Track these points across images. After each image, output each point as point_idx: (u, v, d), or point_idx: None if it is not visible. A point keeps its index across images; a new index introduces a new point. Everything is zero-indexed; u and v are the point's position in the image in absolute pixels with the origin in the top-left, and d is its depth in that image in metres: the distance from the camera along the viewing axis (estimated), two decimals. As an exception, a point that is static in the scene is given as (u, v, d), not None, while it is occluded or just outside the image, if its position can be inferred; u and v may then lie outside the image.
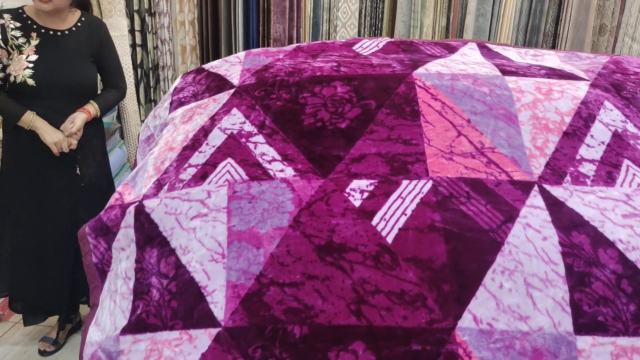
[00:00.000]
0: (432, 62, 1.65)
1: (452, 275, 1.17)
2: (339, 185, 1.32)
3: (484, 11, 3.45)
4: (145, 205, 1.37)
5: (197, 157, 1.45)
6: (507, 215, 1.25)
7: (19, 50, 2.11)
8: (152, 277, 1.30)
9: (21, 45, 2.11)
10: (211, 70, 1.77)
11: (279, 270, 1.20)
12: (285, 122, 1.47)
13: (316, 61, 1.68)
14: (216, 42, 3.50)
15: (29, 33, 2.13)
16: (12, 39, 2.10)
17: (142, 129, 1.82)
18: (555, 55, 1.93)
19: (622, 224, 1.25)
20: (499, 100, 1.49)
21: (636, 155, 1.42)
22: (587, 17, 3.44)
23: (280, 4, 3.36)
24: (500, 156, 1.38)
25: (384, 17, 3.55)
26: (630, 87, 1.61)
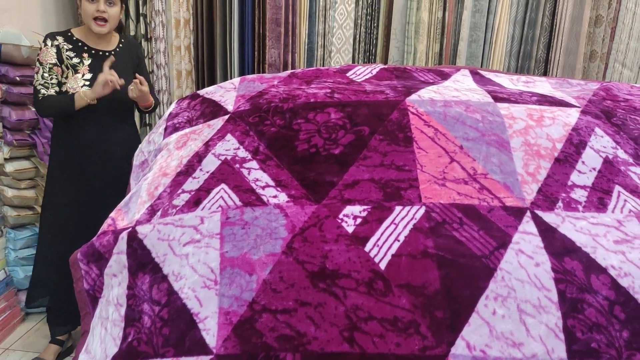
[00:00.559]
0: (425, 89, 1.66)
1: (445, 302, 1.17)
2: (332, 211, 1.32)
3: (476, 37, 3.50)
4: (138, 231, 1.37)
5: (190, 183, 1.45)
6: (500, 241, 1.26)
7: (74, 70, 2.31)
8: (143, 303, 1.29)
9: (76, 65, 2.31)
10: (206, 96, 1.78)
11: (272, 297, 1.20)
12: (279, 148, 1.48)
13: (310, 87, 1.69)
14: (212, 67, 3.53)
15: (81, 54, 2.34)
16: (67, 59, 2.30)
17: (137, 154, 1.83)
18: (547, 81, 1.95)
19: (614, 250, 1.26)
20: (491, 127, 1.51)
21: (627, 181, 1.43)
22: (578, 43, 3.49)
23: (276, 30, 3.39)
24: (493, 182, 1.39)
25: (378, 43, 3.59)
26: (620, 114, 1.63)
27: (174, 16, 3.41)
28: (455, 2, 3.46)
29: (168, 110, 1.82)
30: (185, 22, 3.46)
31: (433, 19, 3.47)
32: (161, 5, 3.35)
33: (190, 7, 3.45)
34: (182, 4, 3.40)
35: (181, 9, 3.41)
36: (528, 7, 3.48)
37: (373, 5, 3.52)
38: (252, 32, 3.43)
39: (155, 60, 3.45)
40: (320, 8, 3.46)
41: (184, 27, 3.45)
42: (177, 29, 3.44)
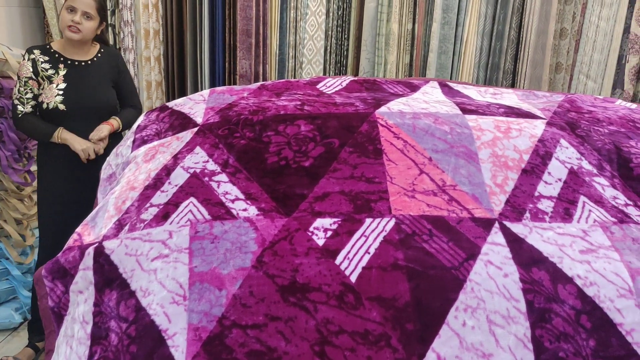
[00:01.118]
0: (395, 101, 1.68)
1: (416, 314, 1.17)
2: (302, 224, 1.32)
3: (445, 49, 3.55)
4: (105, 247, 1.34)
5: (159, 197, 1.43)
6: (469, 252, 1.27)
7: (49, 80, 2.37)
8: (110, 320, 1.26)
9: (51, 76, 2.38)
10: (175, 108, 1.76)
11: (242, 312, 1.18)
12: (248, 161, 1.47)
13: (280, 100, 1.69)
14: (182, 77, 3.51)
15: (57, 65, 2.40)
16: (42, 71, 2.37)
17: (104, 167, 1.80)
18: (514, 93, 1.99)
19: (580, 260, 1.28)
20: (459, 139, 1.52)
21: (591, 191, 1.46)
22: (544, 55, 3.56)
23: (247, 41, 3.39)
24: (462, 194, 1.40)
25: (348, 54, 3.61)
26: (584, 125, 1.66)
27: (143, 27, 3.38)
28: (424, 14, 3.51)
29: (136, 123, 1.80)
30: (155, 33, 3.43)
31: (403, 30, 3.51)
32: (130, 16, 3.32)
33: (160, 17, 3.43)
34: (151, 15, 3.37)
35: (150, 20, 3.38)
36: (495, 20, 3.55)
37: (344, 17, 3.55)
38: (223, 43, 3.42)
39: (124, 71, 3.40)
40: (291, 19, 3.47)
41: (153, 37, 3.42)
42: (147, 40, 3.40)
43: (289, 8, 3.45)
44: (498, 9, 3.53)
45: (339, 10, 3.53)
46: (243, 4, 3.33)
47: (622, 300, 1.22)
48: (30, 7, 3.35)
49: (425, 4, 3.50)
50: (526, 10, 3.50)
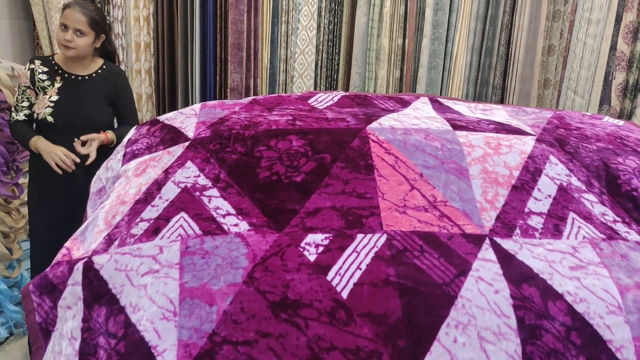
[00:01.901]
0: (386, 117, 1.68)
1: (407, 330, 1.17)
2: (294, 240, 1.32)
3: (435, 64, 3.58)
4: (94, 262, 1.33)
5: (149, 211, 1.42)
6: (460, 268, 1.27)
7: (44, 91, 2.40)
8: (99, 337, 1.25)
9: (46, 87, 2.40)
10: (166, 122, 1.76)
11: (232, 328, 1.17)
12: (240, 176, 1.47)
13: (272, 114, 1.69)
14: (172, 90, 3.51)
15: (54, 77, 2.43)
16: (39, 82, 2.40)
17: (94, 181, 1.79)
18: (503, 109, 2.00)
19: (570, 276, 1.29)
20: (450, 155, 1.53)
21: (580, 208, 1.47)
22: (532, 71, 3.60)
23: (238, 54, 3.40)
24: (452, 209, 1.41)
25: (339, 69, 3.63)
26: (573, 142, 1.68)
27: (134, 39, 3.38)
28: (414, 30, 3.54)
29: (127, 137, 1.79)
30: (146, 46, 3.43)
31: (393, 45, 3.54)
32: (121, 28, 3.32)
33: (151, 30, 3.43)
34: (142, 28, 3.38)
35: (142, 33, 3.38)
36: (485, 36, 3.59)
37: (334, 32, 3.57)
38: (214, 56, 3.43)
39: (114, 84, 3.40)
40: (282, 34, 3.49)
41: (144, 50, 3.42)
42: (138, 53, 3.41)
43: (280, 22, 3.47)
44: (487, 25, 3.57)
45: (330, 25, 3.55)
46: (234, 18, 3.34)
47: (612, 316, 1.23)
48: (21, 19, 3.35)
49: (415, 19, 3.53)
50: (515, 27, 3.54)
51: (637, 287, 1.28)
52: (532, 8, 3.49)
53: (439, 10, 3.50)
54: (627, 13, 3.38)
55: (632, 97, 3.51)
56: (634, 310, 1.24)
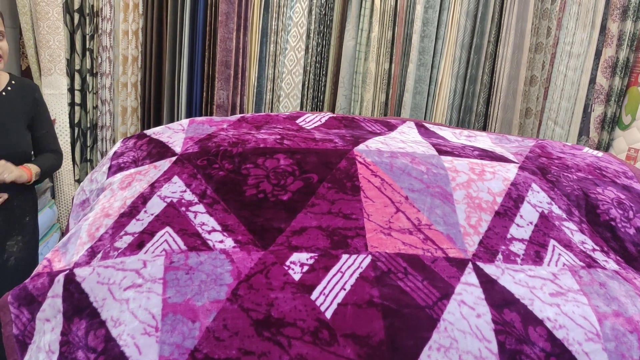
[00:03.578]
0: (373, 139, 1.70)
1: (389, 352, 1.17)
2: (279, 258, 1.32)
3: (421, 90, 3.64)
4: (76, 274, 1.32)
5: (134, 225, 1.41)
6: (443, 292, 1.28)
7: None
8: (78, 351, 1.22)
9: None
10: (153, 136, 1.76)
11: (215, 345, 1.17)
12: (226, 192, 1.47)
13: (260, 133, 1.70)
14: (158, 105, 3.50)
15: None
16: None
17: (77, 193, 1.77)
18: (487, 137, 2.04)
19: (550, 303, 1.30)
20: (435, 179, 1.55)
21: (561, 235, 1.50)
22: (515, 100, 3.68)
23: (225, 72, 3.42)
24: (437, 233, 1.42)
25: (326, 90, 3.67)
26: (554, 171, 1.71)
27: (122, 53, 3.38)
28: (401, 55, 3.60)
29: (113, 149, 1.78)
30: (134, 59, 3.43)
31: (380, 69, 3.59)
32: (109, 41, 3.32)
33: (140, 45, 3.44)
34: (131, 42, 3.38)
35: (130, 47, 3.39)
36: (469, 64, 3.66)
37: (322, 54, 3.61)
38: (202, 72, 3.45)
39: (100, 96, 3.39)
40: (270, 53, 3.52)
41: (131, 64, 3.42)
42: (125, 66, 3.41)
43: (269, 42, 3.50)
44: (472, 53, 3.64)
45: (318, 47, 3.59)
46: (223, 36, 3.37)
47: (590, 343, 1.25)
48: (7, 27, 3.33)
49: (402, 45, 3.59)
50: (499, 57, 3.62)
51: (614, 315, 1.31)
52: (516, 39, 3.58)
53: (425, 37, 3.57)
54: (607, 48, 3.48)
55: (610, 130, 3.60)
56: (612, 338, 1.26)
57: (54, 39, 3.07)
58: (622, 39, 3.46)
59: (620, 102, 3.57)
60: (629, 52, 3.48)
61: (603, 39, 3.50)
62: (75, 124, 3.32)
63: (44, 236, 2.94)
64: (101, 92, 3.40)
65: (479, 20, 3.60)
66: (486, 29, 3.58)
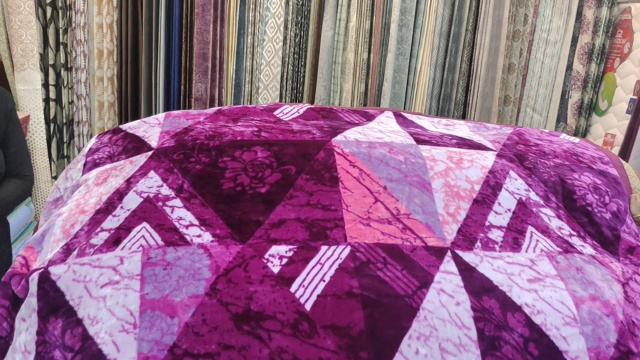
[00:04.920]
0: (351, 130, 1.70)
1: (370, 342, 1.18)
2: (257, 251, 1.31)
3: (399, 79, 3.64)
4: (51, 272, 1.29)
5: (110, 221, 1.39)
6: (422, 280, 1.29)
7: None
8: (55, 350, 1.21)
9: None
10: (129, 131, 1.73)
11: (194, 341, 1.16)
12: (203, 186, 1.46)
13: (237, 125, 1.69)
14: (136, 99, 3.46)
15: None
16: None
17: (52, 191, 1.74)
18: (465, 125, 2.05)
19: (528, 289, 1.32)
20: (413, 168, 1.55)
21: (538, 222, 1.51)
22: (493, 88, 3.70)
23: (203, 64, 3.38)
24: (415, 222, 1.43)
25: (305, 81, 3.65)
26: (531, 158, 1.72)
27: (97, 47, 3.33)
28: (379, 45, 3.59)
29: (88, 145, 1.76)
30: (109, 53, 3.39)
31: (358, 60, 3.58)
32: (83, 35, 3.27)
33: (115, 38, 3.39)
34: (105, 35, 3.33)
35: (105, 40, 3.34)
36: (448, 53, 3.67)
37: (300, 45, 3.59)
38: (179, 65, 3.41)
39: (75, 91, 3.34)
40: (248, 45, 3.49)
41: (107, 58, 3.38)
42: (100, 60, 3.36)
43: (247, 34, 3.47)
44: (450, 42, 3.65)
45: (296, 38, 3.57)
46: (200, 28, 3.33)
47: (568, 328, 1.26)
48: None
49: (380, 35, 3.58)
50: (477, 45, 3.63)
51: (591, 299, 1.32)
52: (493, 27, 3.59)
53: (403, 27, 3.56)
54: (583, 35, 3.51)
55: (587, 116, 3.64)
56: (589, 322, 1.28)
57: (27, 33, 3.01)
58: (598, 26, 3.49)
59: (597, 89, 3.61)
60: (604, 38, 3.51)
61: (579, 25, 3.53)
62: (50, 120, 3.27)
63: (20, 235, 2.90)
64: (77, 87, 3.34)
65: (457, 8, 3.61)
66: (464, 17, 3.59)
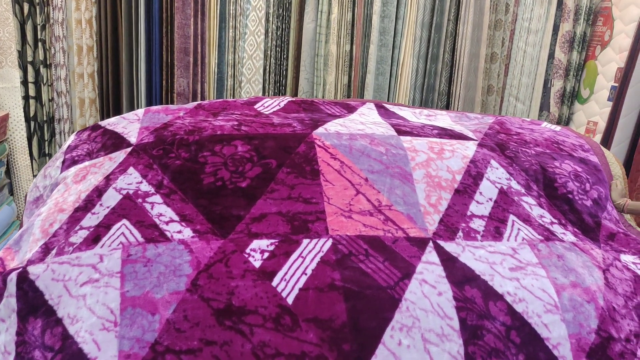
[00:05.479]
0: (332, 122, 1.69)
1: (352, 334, 1.17)
2: (238, 246, 1.30)
3: (383, 70, 3.63)
4: (29, 272, 1.28)
5: (89, 219, 1.38)
6: (404, 271, 1.29)
7: None
8: (35, 350, 1.19)
9: None
10: (108, 127, 1.71)
11: (176, 337, 1.15)
12: (183, 182, 1.44)
13: (217, 120, 1.68)
14: (117, 95, 3.42)
15: None
16: None
17: (31, 189, 1.71)
18: (447, 115, 2.05)
19: (510, 277, 1.32)
20: (394, 160, 1.55)
21: (520, 210, 1.52)
22: (476, 78, 3.70)
23: (184, 59, 3.35)
24: (397, 214, 1.43)
25: (288, 74, 3.63)
26: (512, 147, 1.73)
27: (76, 43, 3.28)
28: (362, 36, 3.58)
29: (66, 143, 1.73)
30: (89, 49, 3.34)
31: (341, 52, 3.57)
32: (62, 31, 3.22)
33: (94, 34, 3.34)
34: (84, 31, 3.28)
35: (84, 36, 3.29)
36: (430, 43, 3.67)
37: (282, 38, 3.57)
38: (160, 60, 3.37)
39: (55, 88, 3.30)
40: (229, 38, 3.46)
41: (87, 54, 3.33)
42: (80, 56, 3.31)
43: (228, 27, 3.44)
44: (432, 32, 3.64)
45: (277, 31, 3.55)
46: (181, 22, 3.30)
47: (549, 315, 1.27)
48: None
49: (362, 26, 3.57)
50: (459, 35, 3.63)
51: (572, 286, 1.33)
52: (475, 17, 3.59)
53: (385, 18, 3.55)
54: (564, 23, 3.52)
55: (570, 104, 3.66)
56: (570, 309, 1.29)
57: (4, 30, 2.96)
58: (579, 14, 3.50)
59: (579, 77, 3.63)
60: (585, 26, 3.53)
61: (560, 14, 3.54)
62: (31, 118, 3.22)
63: (3, 234, 2.86)
64: (56, 84, 3.30)
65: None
66: (445, 7, 3.58)
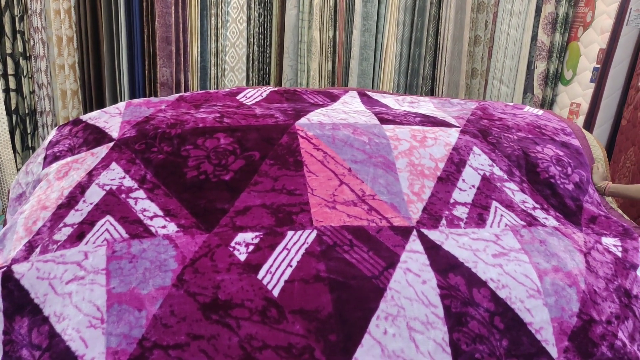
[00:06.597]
0: (314, 112, 1.69)
1: (338, 325, 1.19)
2: (223, 240, 1.31)
3: (367, 56, 3.62)
4: (14, 271, 1.27)
5: (73, 216, 1.37)
6: (389, 261, 1.30)
7: None
8: (22, 349, 1.20)
9: None
10: (89, 122, 1.70)
11: (163, 332, 1.16)
12: (167, 176, 1.44)
13: (199, 112, 1.67)
14: (99, 86, 3.39)
15: None
16: None
17: (13, 186, 1.70)
18: (430, 102, 2.05)
19: (493, 264, 1.34)
20: (377, 149, 1.56)
21: (502, 196, 1.53)
22: (460, 62, 3.70)
23: (167, 48, 3.32)
24: (381, 203, 1.44)
25: (271, 62, 3.61)
26: (495, 133, 1.74)
27: (55, 33, 3.24)
28: (345, 22, 3.56)
29: (48, 138, 1.72)
30: (69, 40, 3.30)
31: (324, 38, 3.55)
32: (40, 22, 3.17)
33: (74, 24, 3.30)
34: (64, 21, 3.24)
35: (63, 26, 3.24)
36: (414, 27, 3.66)
37: (265, 25, 3.54)
38: (142, 50, 3.33)
39: (36, 80, 3.25)
40: (211, 27, 3.43)
41: (67, 44, 3.29)
42: (60, 47, 3.27)
43: (209, 15, 3.41)
44: (415, 16, 3.63)
45: (260, 18, 3.52)
46: (162, 11, 3.26)
47: (532, 300, 1.29)
48: None
49: (345, 11, 3.55)
50: (442, 18, 3.62)
51: (554, 271, 1.35)
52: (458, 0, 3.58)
53: (368, 2, 3.53)
54: (546, 5, 3.52)
55: (553, 86, 3.68)
56: (552, 293, 1.31)
57: (-19, 22, 2.91)
58: (561, -5, 3.51)
59: (562, 58, 3.64)
60: (567, 7, 3.53)
61: (542, -5, 3.54)
62: (12, 111, 3.18)
63: (-12, 230, 2.84)
64: (37, 76, 3.25)
65: (421, -18, 3.59)
66: (429, -9, 3.57)
